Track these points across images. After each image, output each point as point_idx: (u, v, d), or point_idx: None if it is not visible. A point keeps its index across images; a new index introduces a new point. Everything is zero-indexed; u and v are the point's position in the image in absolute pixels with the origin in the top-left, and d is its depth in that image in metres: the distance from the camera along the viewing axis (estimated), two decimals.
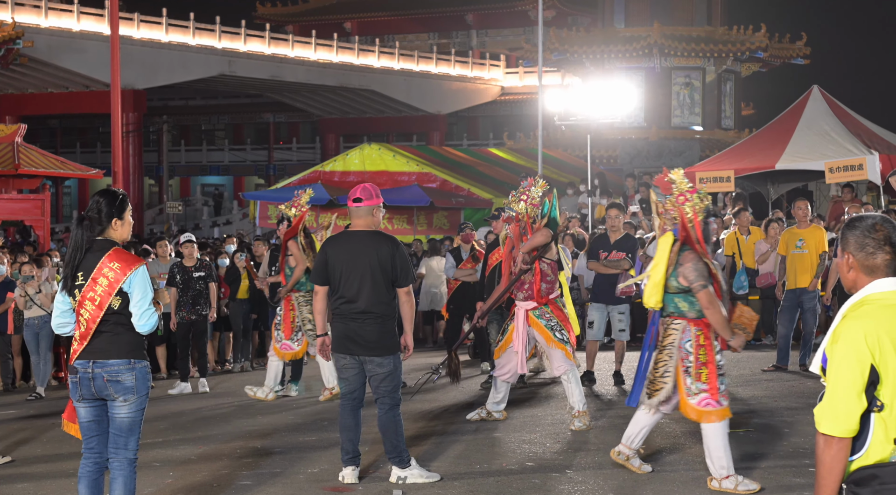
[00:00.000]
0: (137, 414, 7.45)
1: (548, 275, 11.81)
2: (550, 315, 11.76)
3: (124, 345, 7.41)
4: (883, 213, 4.83)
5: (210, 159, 76.89)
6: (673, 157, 36.29)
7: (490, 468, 9.98)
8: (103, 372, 7.37)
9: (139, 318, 7.36)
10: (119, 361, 7.37)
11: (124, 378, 7.37)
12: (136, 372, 7.41)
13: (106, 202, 7.49)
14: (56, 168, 28.69)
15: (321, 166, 34.93)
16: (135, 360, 7.42)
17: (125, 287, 7.33)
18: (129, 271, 7.33)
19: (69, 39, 47.83)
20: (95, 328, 7.35)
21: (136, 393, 7.41)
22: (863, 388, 4.34)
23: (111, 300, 7.32)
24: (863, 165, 24.43)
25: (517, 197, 11.85)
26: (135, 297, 7.35)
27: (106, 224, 7.47)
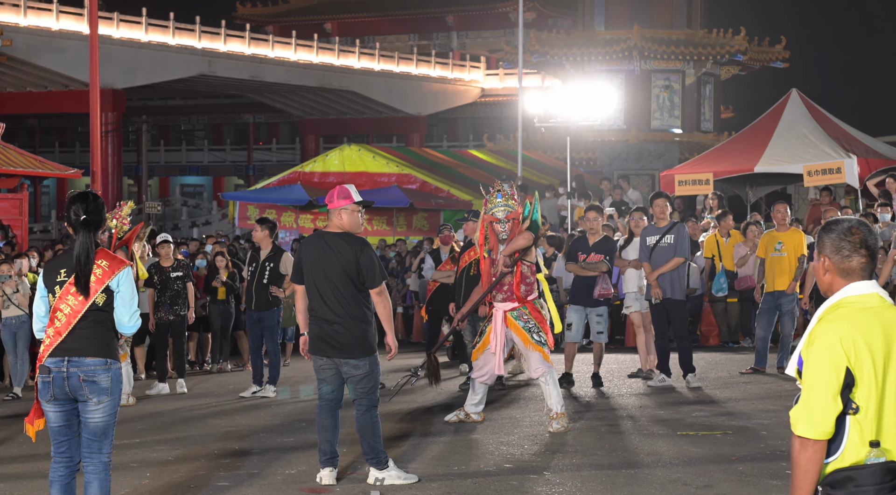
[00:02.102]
0: (111, 417, 7.36)
1: (527, 278, 11.82)
2: (528, 316, 11.76)
3: (101, 344, 7.32)
4: (860, 217, 4.85)
5: (189, 159, 76.70)
6: (652, 160, 36.36)
7: (468, 469, 9.98)
8: (79, 371, 7.25)
9: (129, 319, 7.32)
10: (96, 361, 7.28)
11: (100, 378, 7.27)
12: (111, 373, 7.31)
13: (101, 206, 7.42)
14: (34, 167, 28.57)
15: (301, 167, 34.86)
16: (111, 361, 7.32)
17: (112, 284, 7.28)
18: (119, 270, 7.29)
19: (48, 38, 47.67)
20: (75, 324, 7.26)
21: (111, 395, 7.31)
22: (838, 391, 4.35)
23: (97, 296, 7.25)
24: (841, 169, 24.51)
25: (506, 197, 11.85)
26: (124, 298, 7.30)
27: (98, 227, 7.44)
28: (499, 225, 11.77)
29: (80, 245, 7.29)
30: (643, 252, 14.68)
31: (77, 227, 7.33)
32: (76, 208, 7.34)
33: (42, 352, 7.36)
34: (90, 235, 7.30)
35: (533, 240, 11.78)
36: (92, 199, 7.41)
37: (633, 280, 15.46)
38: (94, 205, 7.37)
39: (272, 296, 15.40)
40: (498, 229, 11.79)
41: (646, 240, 14.70)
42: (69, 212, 7.37)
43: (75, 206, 7.35)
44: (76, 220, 7.32)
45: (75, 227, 7.34)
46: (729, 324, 20.29)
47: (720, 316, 20.31)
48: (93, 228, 7.32)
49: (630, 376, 15.66)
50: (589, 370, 15.39)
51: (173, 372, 16.80)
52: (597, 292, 14.79)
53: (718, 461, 10.06)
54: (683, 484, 9.24)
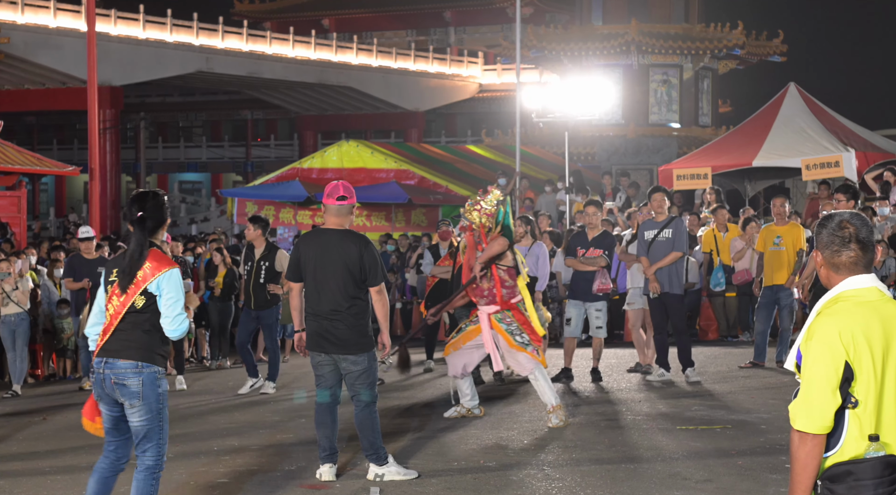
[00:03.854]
0: (150, 421, 7.20)
1: (506, 281, 11.91)
2: (511, 319, 11.87)
3: (135, 347, 7.19)
4: (857, 211, 4.85)
5: (188, 156, 76.64)
6: (650, 154, 36.35)
7: (467, 465, 9.98)
8: (112, 373, 7.20)
9: (171, 322, 7.17)
10: (127, 364, 7.19)
11: (130, 382, 7.17)
12: (142, 377, 7.17)
13: (159, 204, 7.33)
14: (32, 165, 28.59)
15: (299, 163, 34.86)
16: (143, 364, 7.18)
17: (151, 287, 7.15)
18: (159, 272, 7.15)
19: (46, 36, 47.63)
20: (116, 325, 7.20)
21: (143, 400, 7.17)
22: (837, 385, 4.35)
23: (135, 298, 7.15)
24: (839, 162, 24.51)
25: (471, 207, 11.96)
26: (166, 300, 7.16)
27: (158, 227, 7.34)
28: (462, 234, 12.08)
29: (133, 243, 7.23)
30: (641, 246, 14.68)
31: (132, 225, 7.25)
32: (133, 206, 7.26)
33: (95, 350, 7.36)
34: (143, 234, 7.21)
35: (508, 246, 11.85)
36: (151, 197, 7.33)
37: (636, 276, 15.44)
38: (152, 202, 7.29)
39: (270, 295, 15.40)
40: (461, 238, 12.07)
41: (644, 234, 14.70)
42: (128, 209, 7.32)
43: (133, 204, 7.28)
44: (132, 218, 7.25)
45: (132, 225, 7.27)
46: (728, 319, 20.30)
47: (719, 310, 20.32)
48: (147, 226, 7.23)
49: (629, 371, 15.67)
50: (588, 365, 15.39)
51: (172, 369, 16.79)
52: (596, 287, 14.79)
53: (718, 455, 10.07)
54: (683, 478, 9.24)
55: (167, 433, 7.34)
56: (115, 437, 7.37)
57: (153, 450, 7.24)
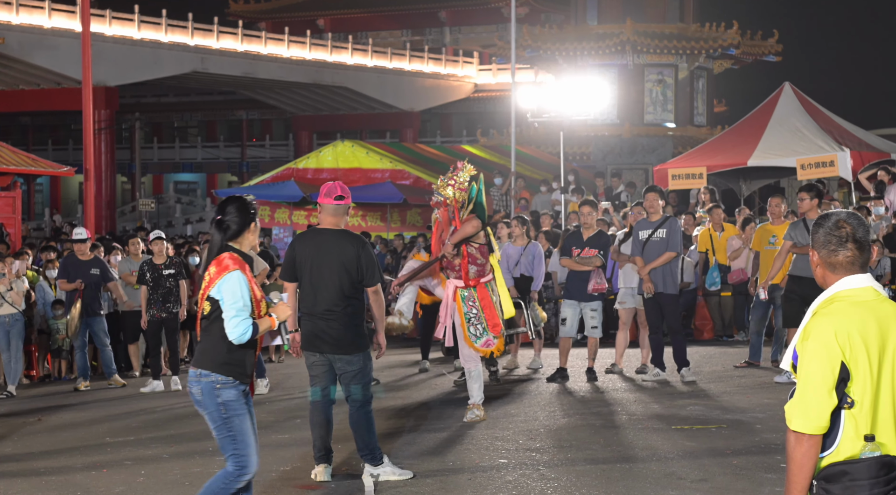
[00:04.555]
0: (218, 430, 7.02)
1: (477, 259, 11.87)
2: (475, 300, 11.83)
3: (203, 354, 7.08)
4: (853, 210, 4.85)
5: (183, 156, 76.64)
6: (646, 154, 36.38)
7: (463, 465, 9.97)
8: (189, 381, 7.16)
9: (227, 325, 6.92)
10: (193, 372, 7.09)
11: (194, 389, 7.06)
12: (201, 385, 7.02)
13: (241, 209, 7.16)
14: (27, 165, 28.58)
15: (294, 163, 34.85)
16: (202, 373, 7.02)
17: (213, 292, 6.98)
18: (220, 277, 6.97)
19: (41, 36, 47.60)
20: (200, 332, 7.12)
21: (204, 408, 7.03)
22: (833, 385, 4.35)
23: (203, 305, 7.04)
24: (834, 162, 24.53)
25: (445, 182, 11.95)
26: (224, 304, 6.95)
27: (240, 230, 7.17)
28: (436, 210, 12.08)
29: (208, 248, 7.16)
30: (635, 246, 14.67)
31: (212, 229, 7.16)
32: (218, 210, 7.16)
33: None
34: (219, 238, 7.08)
35: (480, 227, 11.86)
36: (234, 202, 7.17)
37: (628, 276, 15.45)
38: (233, 206, 7.13)
39: None
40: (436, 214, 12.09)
41: (638, 234, 14.69)
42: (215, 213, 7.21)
43: (218, 209, 7.18)
44: (213, 220, 7.16)
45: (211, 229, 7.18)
46: (723, 318, 20.30)
47: (714, 310, 20.32)
48: (224, 231, 7.08)
49: (606, 371, 15.61)
50: (583, 364, 15.39)
51: (167, 369, 16.77)
52: (591, 287, 14.79)
53: (713, 455, 10.06)
54: (678, 478, 9.23)
55: (245, 443, 7.05)
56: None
57: (232, 459, 7.04)
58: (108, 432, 12.73)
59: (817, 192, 14.35)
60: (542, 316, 16.39)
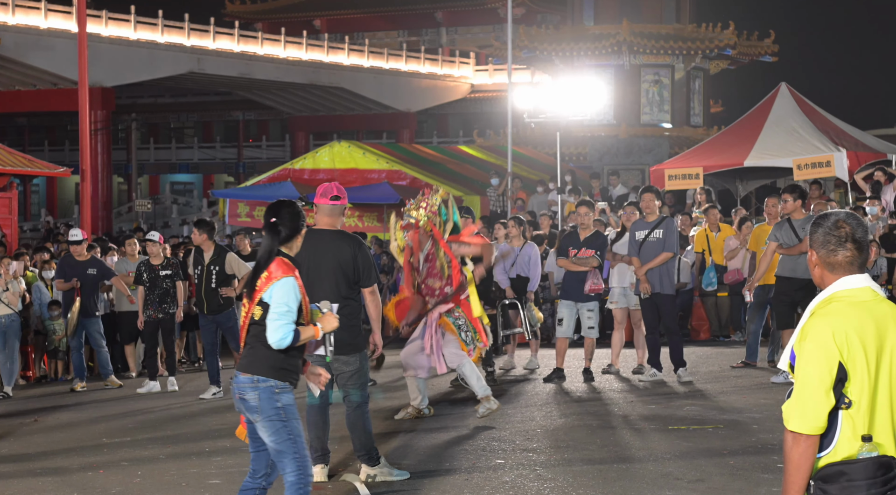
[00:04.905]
0: (276, 436, 6.90)
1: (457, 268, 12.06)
2: (460, 313, 11.96)
3: (255, 360, 6.94)
4: (850, 210, 4.84)
5: (179, 157, 76.67)
6: (642, 155, 36.38)
7: (459, 466, 9.96)
8: (236, 388, 7.00)
9: (268, 328, 6.84)
10: (245, 378, 6.95)
11: (248, 396, 6.92)
12: (259, 391, 6.90)
13: (295, 214, 7.12)
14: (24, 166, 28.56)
15: (291, 164, 34.83)
16: (259, 379, 6.91)
17: (265, 297, 6.88)
18: (273, 281, 6.89)
19: (37, 37, 47.59)
20: (244, 337, 7.02)
21: (261, 414, 6.89)
22: (831, 386, 4.35)
23: (254, 309, 6.94)
24: (830, 162, 24.54)
25: (416, 205, 12.04)
26: (272, 307, 6.87)
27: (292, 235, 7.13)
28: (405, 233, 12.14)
29: (260, 251, 7.07)
30: (632, 246, 14.66)
31: (264, 232, 7.08)
32: (269, 214, 7.08)
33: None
34: (273, 242, 7.00)
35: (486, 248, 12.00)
36: (286, 206, 7.14)
37: (619, 275, 15.46)
38: (286, 210, 7.09)
39: (223, 299, 15.36)
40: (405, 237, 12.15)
41: (635, 234, 14.69)
42: (265, 216, 7.12)
43: (269, 212, 7.09)
44: (266, 223, 7.06)
45: (264, 232, 7.09)
46: (720, 319, 20.30)
47: (711, 310, 20.32)
48: (276, 235, 7.01)
49: (603, 372, 15.61)
50: (580, 365, 15.38)
51: (164, 370, 16.76)
52: (587, 287, 14.78)
53: (710, 455, 10.06)
54: (675, 478, 9.24)
55: (303, 446, 6.99)
56: (252, 449, 7.14)
57: (291, 466, 6.91)
58: (104, 433, 12.72)
59: (801, 193, 14.40)
60: (539, 316, 16.39)
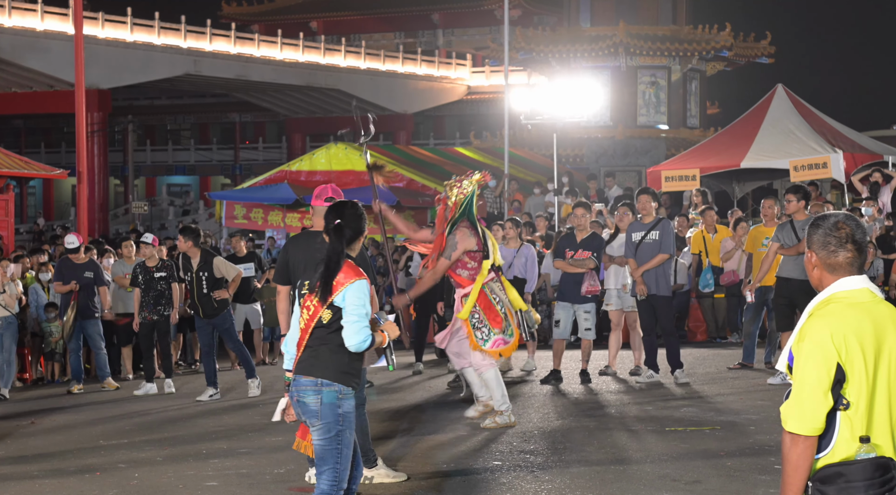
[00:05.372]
0: (327, 442, 6.81)
1: (467, 263, 11.83)
2: (476, 308, 11.81)
3: (320, 363, 6.82)
4: (847, 212, 4.84)
5: (176, 159, 76.65)
6: (639, 156, 36.38)
7: (457, 467, 9.96)
8: (296, 391, 6.87)
9: (347, 330, 6.72)
10: (307, 381, 6.82)
11: (309, 400, 6.80)
12: (321, 395, 6.78)
13: (359, 215, 7.08)
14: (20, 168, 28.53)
15: (287, 166, 34.78)
16: (323, 382, 6.79)
17: (337, 300, 6.75)
18: (345, 284, 6.76)
19: (33, 39, 47.56)
20: (306, 340, 6.87)
21: (321, 419, 6.79)
22: (829, 387, 4.34)
23: (322, 312, 6.78)
24: (827, 164, 24.56)
25: (454, 183, 11.97)
26: (347, 311, 6.74)
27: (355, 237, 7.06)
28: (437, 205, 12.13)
29: (328, 252, 6.91)
30: (629, 248, 14.67)
31: (330, 234, 6.96)
32: (332, 215, 7.00)
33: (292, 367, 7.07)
34: (340, 244, 6.88)
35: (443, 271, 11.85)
36: (349, 207, 7.06)
37: (615, 276, 15.47)
38: (350, 212, 7.02)
39: (217, 302, 15.37)
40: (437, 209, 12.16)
41: (631, 236, 14.69)
42: (327, 218, 7.03)
43: (331, 213, 7.01)
44: (330, 227, 6.96)
45: (329, 234, 6.99)
46: (716, 320, 20.30)
47: (707, 311, 20.32)
48: (345, 236, 6.92)
49: (600, 373, 15.60)
50: (577, 367, 15.38)
51: (160, 372, 16.75)
52: (584, 289, 14.77)
53: (707, 456, 10.06)
54: (672, 479, 9.23)
55: (348, 458, 6.91)
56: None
57: (329, 474, 6.84)
58: (101, 435, 12.71)
59: (804, 194, 14.36)
60: (536, 318, 16.36)
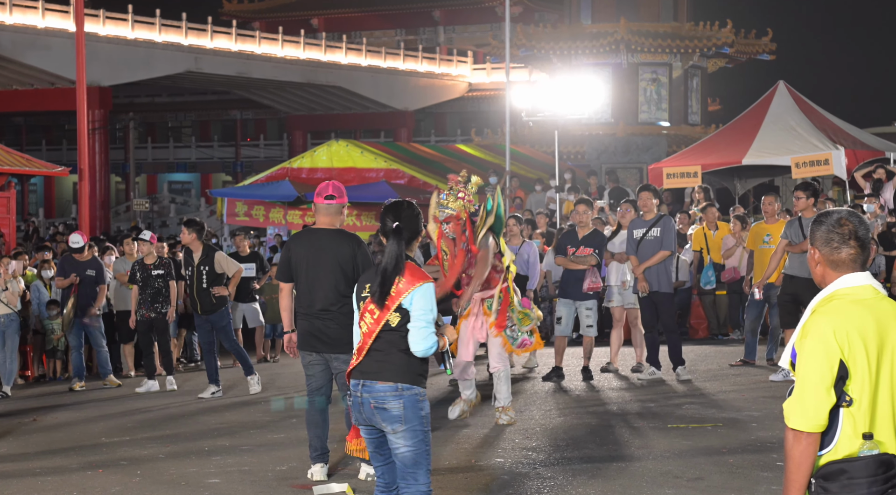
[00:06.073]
0: (418, 445, 6.66)
1: (496, 266, 11.88)
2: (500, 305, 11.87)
3: (394, 367, 6.66)
4: (849, 208, 4.84)
5: (177, 156, 76.62)
6: (640, 153, 36.35)
7: (459, 464, 9.96)
8: (370, 397, 6.67)
9: (416, 335, 6.61)
10: (386, 386, 6.64)
11: (391, 405, 6.62)
12: (403, 399, 6.63)
13: (416, 215, 6.88)
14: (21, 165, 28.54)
15: (288, 163, 34.80)
16: (403, 387, 6.65)
17: (405, 302, 6.63)
18: (413, 287, 6.63)
19: (34, 36, 47.55)
20: (370, 345, 6.70)
21: (405, 423, 6.62)
22: (832, 384, 4.35)
23: (389, 315, 6.65)
24: (829, 160, 24.55)
25: (453, 195, 11.63)
26: (416, 314, 6.63)
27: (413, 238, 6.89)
28: (446, 225, 11.65)
29: (387, 255, 6.69)
30: (630, 245, 14.66)
31: (388, 236, 6.77)
32: (389, 216, 6.80)
33: (348, 369, 6.92)
34: (399, 245, 6.69)
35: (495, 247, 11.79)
36: (406, 207, 6.87)
37: (615, 273, 15.47)
38: (407, 212, 6.83)
39: (216, 298, 15.31)
40: (446, 229, 11.70)
41: (632, 233, 14.69)
42: (383, 219, 6.83)
43: (388, 214, 6.82)
44: (388, 228, 6.75)
45: (387, 236, 6.79)
46: (718, 317, 20.31)
47: (709, 308, 20.32)
48: (404, 237, 6.74)
49: (602, 370, 15.61)
50: (579, 364, 15.38)
51: (162, 369, 16.76)
52: (586, 286, 14.76)
53: (709, 453, 10.06)
54: (674, 476, 9.24)
55: (430, 457, 6.83)
56: (378, 462, 6.86)
57: (425, 477, 6.71)
58: (103, 432, 12.72)
59: (814, 191, 14.35)
60: (538, 315, 16.37)
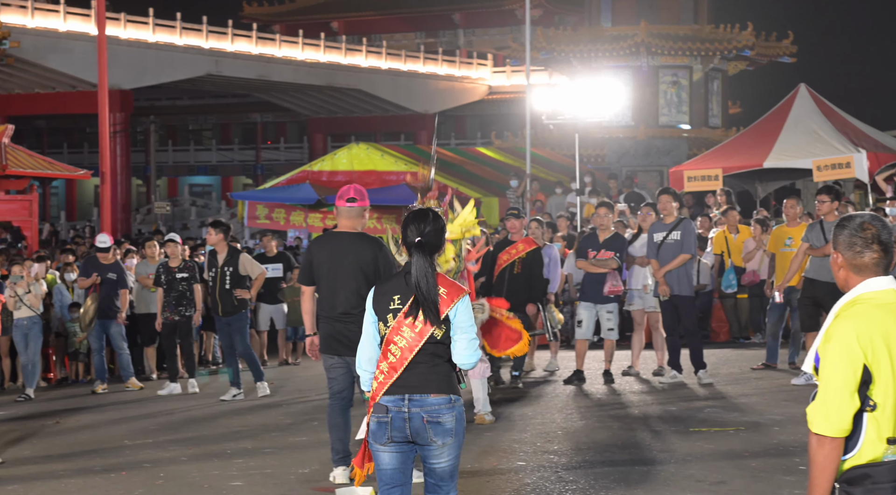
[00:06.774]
0: (457, 458, 6.58)
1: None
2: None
3: (443, 379, 6.47)
4: (871, 212, 4.84)
5: (198, 159, 76.79)
6: (660, 156, 36.31)
7: (481, 467, 9.97)
8: (422, 411, 6.40)
9: (465, 348, 6.43)
10: (439, 399, 6.42)
11: (445, 419, 6.43)
12: (455, 411, 6.47)
13: (440, 227, 6.66)
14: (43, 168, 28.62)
15: (309, 166, 34.79)
16: (455, 398, 6.48)
17: (450, 314, 6.44)
18: (457, 298, 6.46)
19: (55, 40, 47.72)
20: (412, 357, 6.42)
21: (456, 436, 6.49)
22: (855, 388, 4.34)
23: (434, 328, 6.43)
24: (850, 163, 24.47)
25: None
26: (462, 326, 6.44)
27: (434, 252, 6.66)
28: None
29: (416, 269, 6.44)
30: (651, 248, 14.66)
31: (411, 249, 6.57)
32: (412, 228, 6.58)
33: (375, 389, 6.52)
34: (427, 258, 6.50)
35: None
36: (432, 219, 6.63)
37: (636, 277, 15.45)
38: (432, 225, 6.59)
39: (237, 300, 15.33)
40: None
41: (653, 236, 14.68)
42: (405, 230, 6.63)
43: (412, 226, 6.60)
44: (411, 241, 6.55)
45: (409, 249, 6.60)
46: (739, 320, 20.26)
47: (730, 312, 20.28)
48: (429, 251, 6.54)
49: (623, 374, 15.58)
50: (600, 367, 15.38)
51: (184, 371, 16.81)
52: (607, 289, 14.76)
53: (731, 457, 10.05)
54: (697, 480, 9.23)
55: None
56: (398, 483, 6.69)
57: (455, 488, 6.67)
58: (126, 435, 12.76)
59: (836, 195, 14.31)
60: (559, 318, 16.38)
